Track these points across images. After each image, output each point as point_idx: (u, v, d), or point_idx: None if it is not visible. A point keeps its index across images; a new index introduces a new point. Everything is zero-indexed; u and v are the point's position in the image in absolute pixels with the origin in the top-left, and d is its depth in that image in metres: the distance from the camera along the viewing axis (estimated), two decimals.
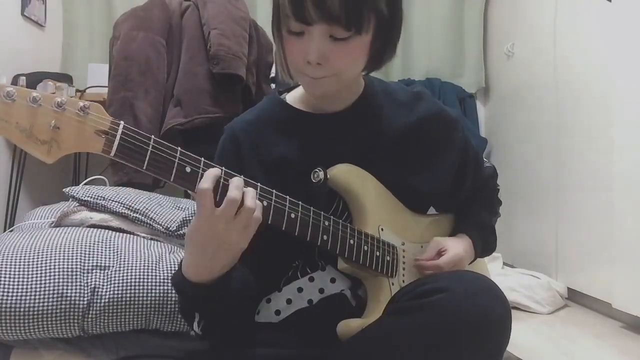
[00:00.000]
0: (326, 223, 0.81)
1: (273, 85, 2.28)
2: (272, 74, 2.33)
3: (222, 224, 0.69)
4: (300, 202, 0.79)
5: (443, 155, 0.99)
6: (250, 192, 0.71)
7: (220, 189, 0.70)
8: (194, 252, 0.73)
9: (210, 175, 0.69)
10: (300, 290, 0.88)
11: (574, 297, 2.20)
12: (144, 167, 0.66)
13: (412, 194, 0.95)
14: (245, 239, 0.72)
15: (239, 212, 0.70)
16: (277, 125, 0.93)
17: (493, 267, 2.38)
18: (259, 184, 0.75)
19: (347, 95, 0.93)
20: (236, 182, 0.71)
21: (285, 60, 0.86)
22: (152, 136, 0.67)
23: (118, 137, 0.64)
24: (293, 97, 0.95)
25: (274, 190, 0.77)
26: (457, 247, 0.94)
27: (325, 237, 0.81)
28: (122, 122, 0.65)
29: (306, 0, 0.75)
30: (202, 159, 0.71)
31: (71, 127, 0.62)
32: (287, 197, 0.78)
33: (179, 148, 0.69)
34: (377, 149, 0.93)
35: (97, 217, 1.32)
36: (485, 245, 1.04)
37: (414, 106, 0.98)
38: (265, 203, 0.75)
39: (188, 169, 0.69)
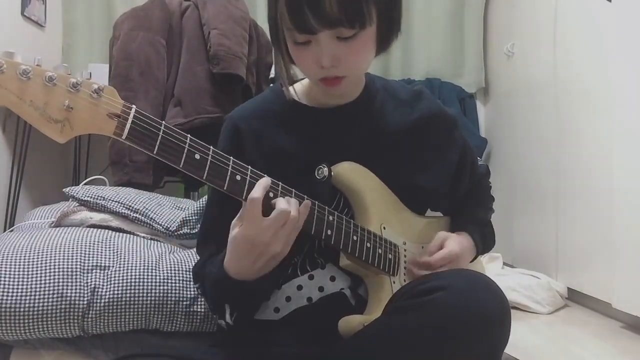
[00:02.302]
0: (330, 218, 0.82)
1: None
2: (272, 75, 2.33)
3: (270, 233, 0.73)
4: (305, 196, 0.79)
5: (443, 154, 1.00)
6: (294, 203, 0.75)
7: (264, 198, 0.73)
8: (238, 257, 0.76)
9: (262, 185, 0.73)
10: (299, 288, 0.88)
11: (574, 297, 2.20)
12: (155, 152, 0.67)
13: (412, 190, 0.95)
14: (286, 248, 0.76)
15: (285, 223, 0.73)
16: (278, 116, 0.93)
17: (493, 267, 2.38)
18: (270, 178, 0.76)
19: (351, 89, 0.94)
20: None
21: (288, 71, 0.87)
22: (163, 122, 0.68)
23: (130, 120, 0.65)
24: (295, 90, 0.96)
25: (280, 183, 0.77)
26: (454, 245, 0.94)
27: (329, 232, 0.81)
28: (134, 106, 0.66)
29: (305, 11, 0.75)
30: (211, 147, 0.72)
31: (84, 108, 0.63)
32: (293, 190, 0.78)
33: (189, 135, 0.70)
34: (378, 145, 0.94)
35: (97, 217, 1.32)
36: (485, 241, 1.04)
37: (415, 104, 0.99)
38: (271, 194, 0.75)
39: (197, 156, 0.70)
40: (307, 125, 0.92)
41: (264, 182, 0.74)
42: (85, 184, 1.48)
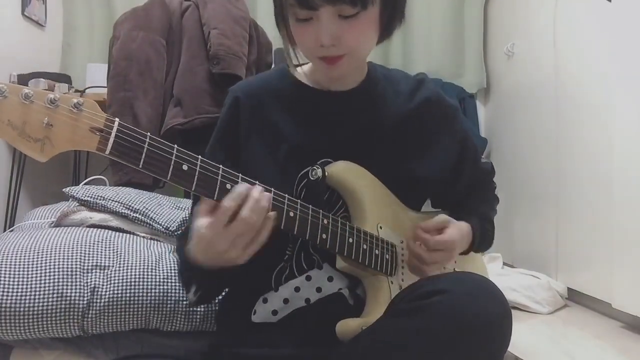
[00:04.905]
0: (325, 221, 0.81)
1: None
2: None
3: (228, 241, 0.70)
4: (299, 201, 0.79)
5: (442, 141, 0.99)
6: (259, 211, 0.71)
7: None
8: (199, 250, 0.75)
9: (238, 194, 0.70)
10: (297, 289, 0.87)
11: (574, 297, 2.20)
12: (140, 166, 0.65)
13: (409, 181, 0.95)
14: (244, 257, 0.74)
15: (242, 232, 0.71)
16: (279, 94, 0.93)
17: (493, 267, 2.38)
18: (257, 182, 0.75)
19: (354, 75, 0.94)
20: (255, 199, 0.71)
21: (294, 48, 0.86)
22: (148, 134, 0.66)
23: (113, 134, 0.63)
24: (301, 71, 0.96)
25: (272, 189, 0.76)
26: (454, 233, 0.93)
27: (324, 236, 0.80)
28: (117, 120, 0.64)
29: None
30: (199, 157, 0.70)
31: (65, 125, 0.60)
32: (286, 195, 0.78)
33: (176, 146, 0.68)
34: (376, 133, 0.94)
35: (97, 217, 1.32)
36: (484, 235, 1.02)
37: (415, 93, 0.99)
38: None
39: (185, 167, 0.68)
40: (306, 106, 0.93)
41: (243, 190, 0.71)
42: (85, 184, 1.48)
